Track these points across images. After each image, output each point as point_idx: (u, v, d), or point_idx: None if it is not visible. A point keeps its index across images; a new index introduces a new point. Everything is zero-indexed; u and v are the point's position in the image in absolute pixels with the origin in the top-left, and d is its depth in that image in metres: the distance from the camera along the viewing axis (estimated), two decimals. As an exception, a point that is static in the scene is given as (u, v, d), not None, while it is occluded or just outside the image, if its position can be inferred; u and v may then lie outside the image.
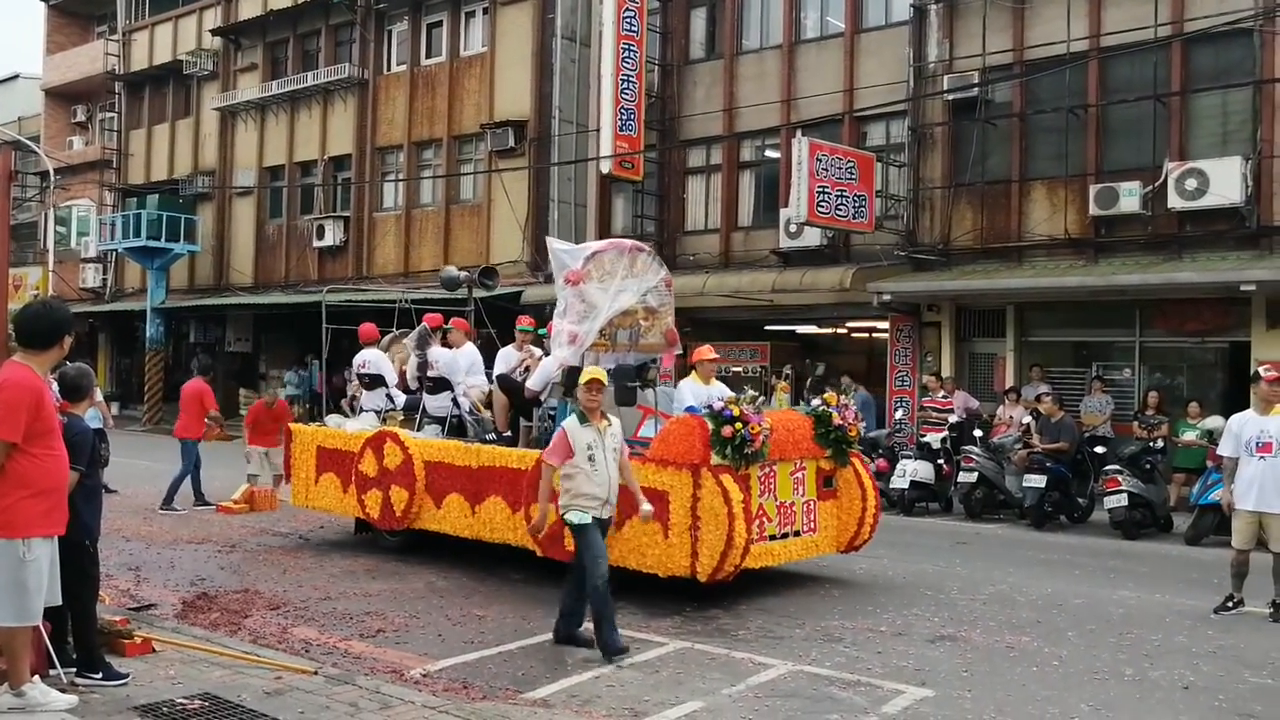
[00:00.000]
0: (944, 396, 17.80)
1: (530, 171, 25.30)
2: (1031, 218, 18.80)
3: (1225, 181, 16.44)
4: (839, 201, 18.93)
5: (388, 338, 13.28)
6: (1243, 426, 9.48)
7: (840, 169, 18.98)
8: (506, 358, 11.86)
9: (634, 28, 22.55)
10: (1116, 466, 14.40)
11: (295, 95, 30.76)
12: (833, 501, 10.35)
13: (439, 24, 28.20)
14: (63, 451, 5.68)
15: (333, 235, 29.30)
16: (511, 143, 25.44)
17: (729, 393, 10.19)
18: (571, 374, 9.73)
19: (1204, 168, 16.67)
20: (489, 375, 11.92)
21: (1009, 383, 18.27)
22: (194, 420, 15.12)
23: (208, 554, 11.54)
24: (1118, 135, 18.21)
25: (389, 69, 29.21)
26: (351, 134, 29.63)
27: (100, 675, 6.27)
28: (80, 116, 39.70)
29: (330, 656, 7.52)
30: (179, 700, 6.08)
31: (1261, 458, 9.25)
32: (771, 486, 9.64)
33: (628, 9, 22.43)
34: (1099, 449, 15.37)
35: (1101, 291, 17.49)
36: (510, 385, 11.09)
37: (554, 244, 10.83)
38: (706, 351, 10.66)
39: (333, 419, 12.79)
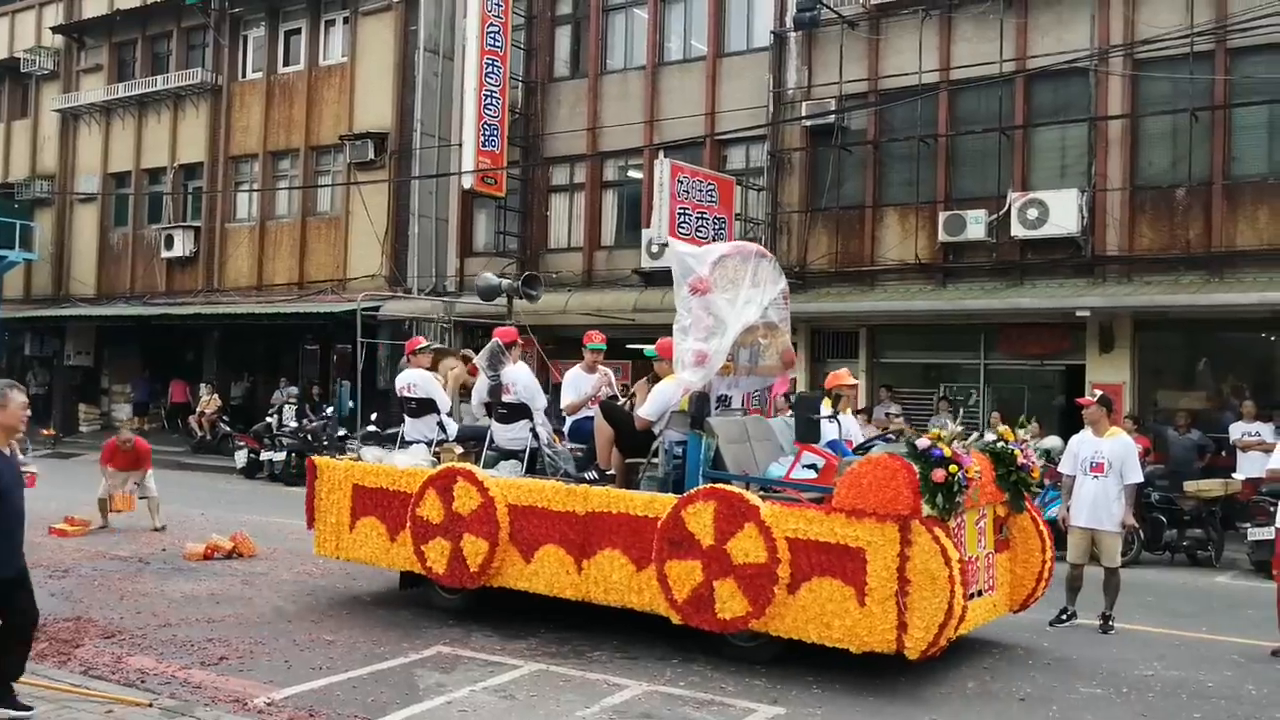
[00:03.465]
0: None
1: (390, 185, 24.98)
2: (884, 243, 19.30)
3: (1063, 212, 17.17)
4: (700, 223, 19.16)
5: (427, 353, 11.19)
6: (1080, 446, 9.90)
7: (701, 191, 19.22)
8: (576, 382, 10.41)
9: (498, 43, 22.47)
10: (962, 485, 14.80)
11: (144, 99, 29.74)
12: (1007, 553, 8.93)
13: (297, 31, 27.62)
14: None
15: (182, 246, 28.36)
16: (371, 155, 25.05)
17: (856, 426, 9.42)
18: (701, 401, 8.61)
19: (1044, 198, 17.37)
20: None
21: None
22: None
23: (38, 580, 10.67)
24: (965, 165, 18.85)
25: (244, 76, 28.47)
26: (204, 141, 28.77)
27: None
28: (-95, 114, 37.69)
29: (168, 687, 7.23)
30: (-1, 738, 5.77)
31: (1095, 477, 9.69)
32: (961, 539, 8.02)
33: (491, 24, 22.34)
34: (946, 468, 15.80)
35: (949, 315, 18.07)
36: (616, 414, 9.47)
37: (678, 246, 9.27)
38: (845, 376, 9.66)
39: (370, 451, 10.79)
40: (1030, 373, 18.67)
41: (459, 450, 10.24)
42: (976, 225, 17.90)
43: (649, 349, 9.77)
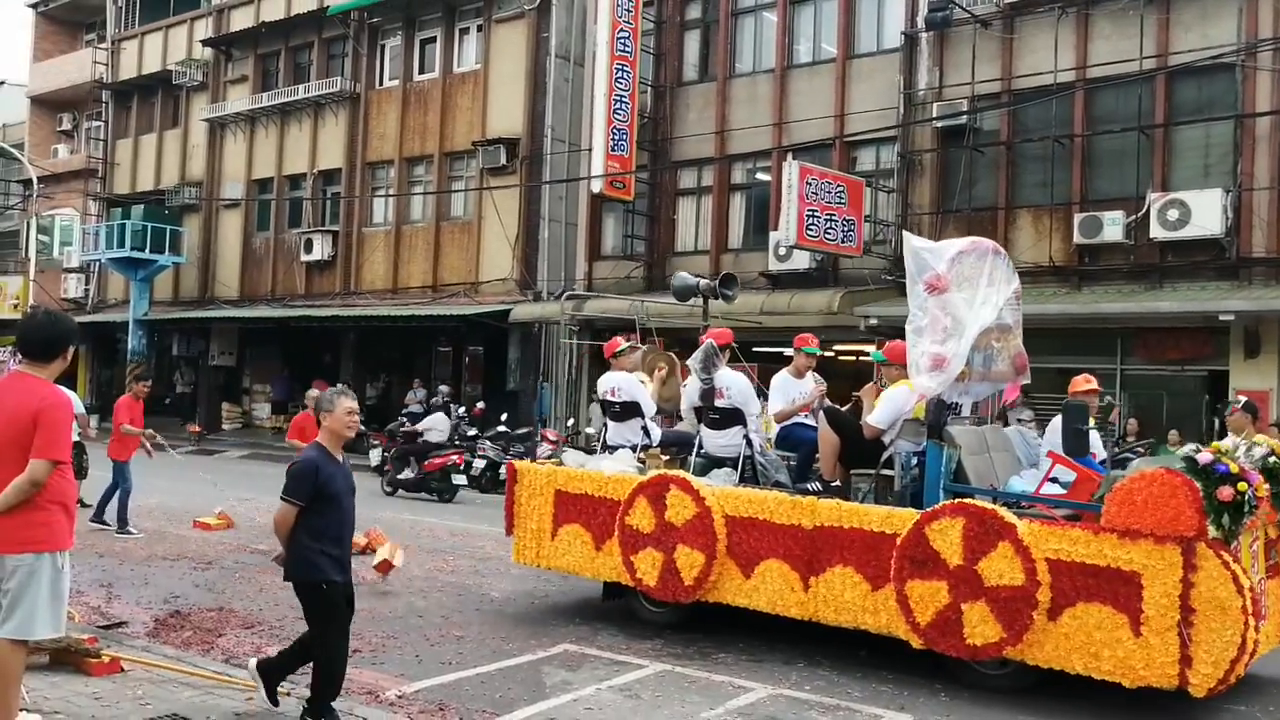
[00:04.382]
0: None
1: (521, 190, 25.36)
2: (1017, 245, 18.87)
3: (1206, 213, 16.64)
4: (828, 225, 19.03)
5: (629, 354, 10.52)
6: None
7: (830, 193, 19.09)
8: (785, 387, 9.73)
9: (628, 48, 22.66)
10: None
11: (285, 108, 30.79)
12: (1277, 580, 7.87)
13: (433, 40, 28.27)
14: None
15: (321, 249, 29.25)
16: (503, 160, 25.50)
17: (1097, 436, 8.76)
18: (939, 409, 8.04)
19: (1186, 199, 16.87)
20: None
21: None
22: (115, 440, 13.94)
23: (183, 571, 11.37)
24: (1102, 165, 18.40)
25: (381, 84, 29.25)
26: (342, 148, 29.64)
27: None
28: (66, 125, 39.59)
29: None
30: (146, 721, 5.96)
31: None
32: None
33: (621, 30, 22.54)
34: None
35: (1084, 319, 17.61)
36: (842, 422, 8.90)
37: (914, 241, 8.52)
38: (1085, 382, 9.14)
39: (571, 455, 10.42)
40: (1170, 379, 18.09)
41: (665, 457, 9.76)
42: (1114, 227, 17.46)
43: (876, 352, 9.26)
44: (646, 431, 10.12)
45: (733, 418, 9.43)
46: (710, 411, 9.53)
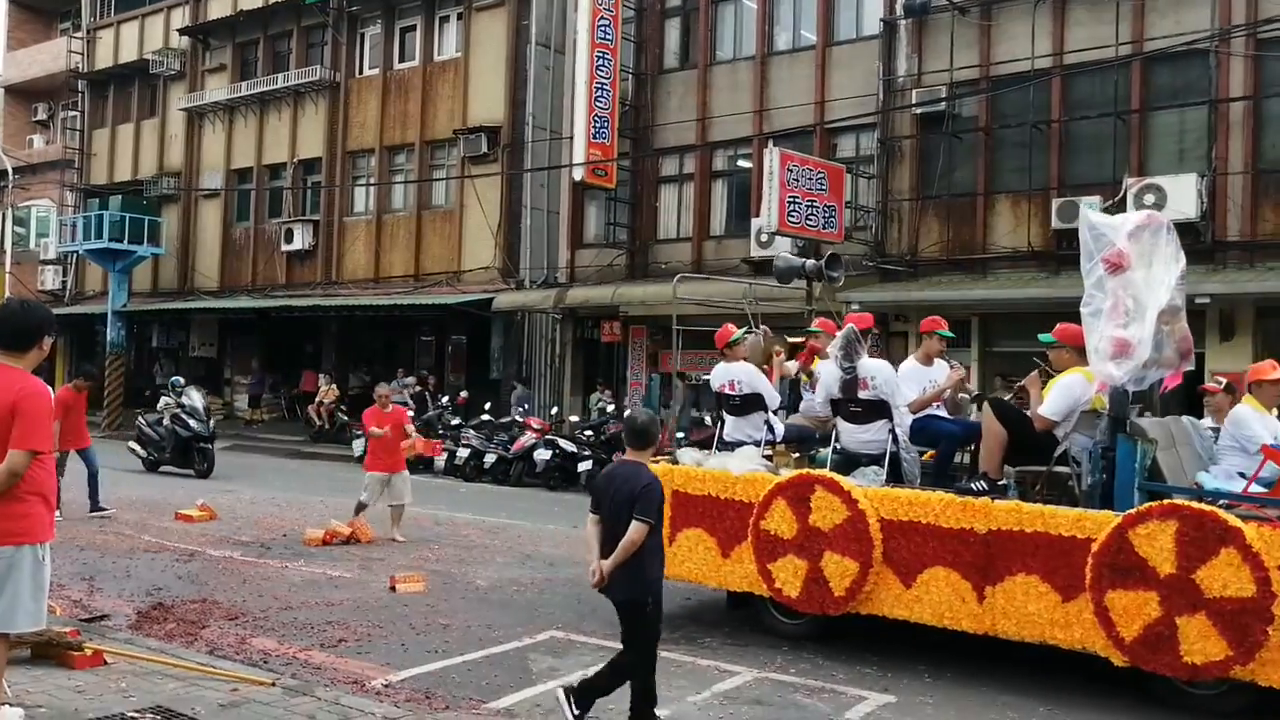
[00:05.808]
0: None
1: (503, 178, 25.33)
2: (996, 230, 19.03)
3: (1182, 197, 16.77)
4: (809, 211, 19.07)
5: (743, 344, 9.68)
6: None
7: (811, 179, 19.12)
8: (915, 375, 8.97)
9: (608, 36, 22.65)
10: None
11: (265, 97, 30.60)
12: None
13: (412, 28, 28.17)
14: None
15: (301, 239, 29.14)
16: (485, 149, 25.46)
17: None
18: (1123, 400, 7.35)
19: (1162, 183, 17.01)
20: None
21: (974, 392, 18.47)
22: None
23: (165, 563, 11.29)
24: (1079, 151, 18.50)
25: (361, 72, 29.12)
26: (322, 137, 29.51)
27: None
28: (41, 115, 39.23)
29: (289, 667, 7.46)
30: (129, 714, 5.93)
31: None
32: None
33: (602, 18, 22.53)
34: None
35: (1063, 303, 17.51)
36: (1009, 414, 8.14)
37: (1091, 216, 7.78)
38: (1269, 370, 8.29)
39: (687, 453, 9.50)
40: (1148, 362, 18.23)
41: (794, 455, 9.06)
42: (1091, 211, 17.54)
43: (1045, 335, 8.47)
44: (770, 426, 9.33)
45: (877, 410, 8.55)
46: (851, 404, 8.66)
